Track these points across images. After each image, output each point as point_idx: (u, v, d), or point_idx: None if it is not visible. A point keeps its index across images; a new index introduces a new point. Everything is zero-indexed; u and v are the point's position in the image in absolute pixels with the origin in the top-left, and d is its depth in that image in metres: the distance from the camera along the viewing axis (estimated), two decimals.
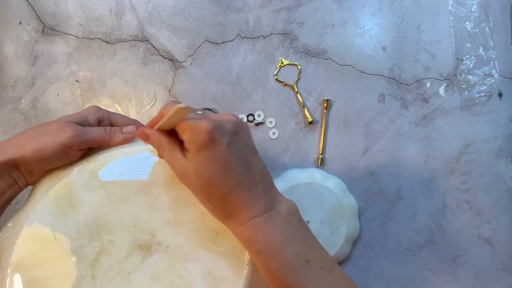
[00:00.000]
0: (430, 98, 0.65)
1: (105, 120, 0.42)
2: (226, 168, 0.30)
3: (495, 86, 0.65)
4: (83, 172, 0.38)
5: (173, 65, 0.65)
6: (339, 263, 0.62)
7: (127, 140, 0.40)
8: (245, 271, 0.34)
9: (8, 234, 0.36)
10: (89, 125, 0.40)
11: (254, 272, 0.35)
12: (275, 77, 0.65)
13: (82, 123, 0.39)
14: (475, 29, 0.66)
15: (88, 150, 0.40)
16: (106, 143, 0.39)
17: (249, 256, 0.34)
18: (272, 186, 0.34)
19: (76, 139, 0.37)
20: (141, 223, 0.36)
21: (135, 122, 0.43)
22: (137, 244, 0.35)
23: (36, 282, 0.34)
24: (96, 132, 0.39)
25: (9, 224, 0.37)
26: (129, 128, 0.41)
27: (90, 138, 0.38)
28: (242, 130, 0.32)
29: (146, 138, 0.35)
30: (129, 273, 0.34)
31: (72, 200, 0.37)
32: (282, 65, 0.65)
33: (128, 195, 0.37)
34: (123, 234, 0.36)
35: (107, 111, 0.42)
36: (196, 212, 0.36)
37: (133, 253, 0.35)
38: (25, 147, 0.36)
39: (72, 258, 0.35)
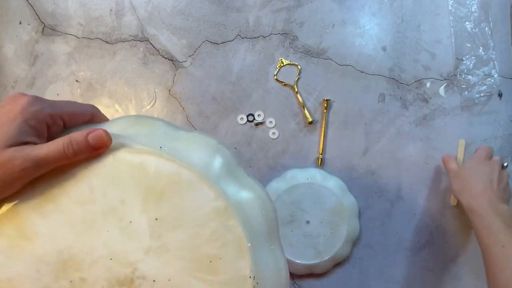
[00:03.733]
0: (430, 98, 0.65)
1: (56, 119, 0.30)
2: (476, 183, 0.56)
3: (495, 86, 0.65)
4: (31, 190, 0.29)
5: (173, 65, 0.65)
6: (339, 263, 0.62)
7: (99, 154, 0.30)
8: None
9: None
10: (36, 135, 0.28)
11: None
12: (275, 77, 0.65)
13: (25, 139, 0.27)
14: (475, 29, 0.66)
15: None
16: (69, 162, 0.29)
17: (252, 284, 0.29)
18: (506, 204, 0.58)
19: (30, 172, 0.27)
20: (117, 254, 0.29)
21: (92, 109, 0.33)
22: (116, 280, 0.29)
23: None
24: (54, 154, 0.28)
25: None
26: (98, 135, 0.29)
27: (47, 164, 0.28)
28: (498, 169, 0.58)
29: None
30: None
31: (23, 229, 0.29)
32: (282, 65, 0.65)
33: (94, 219, 0.29)
34: (96, 269, 0.29)
35: (51, 104, 0.29)
36: (183, 236, 0.29)
37: None
38: None
39: None
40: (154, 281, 0.29)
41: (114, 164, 0.30)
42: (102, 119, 0.33)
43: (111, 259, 0.29)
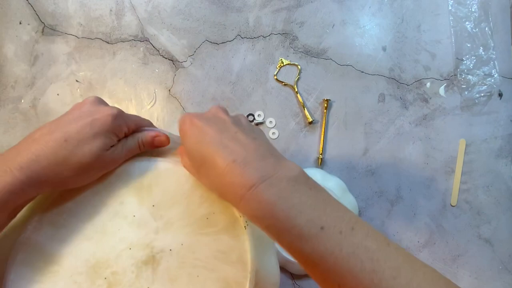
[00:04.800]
0: (430, 98, 0.65)
1: (129, 130, 0.38)
2: (204, 144, 0.31)
3: (495, 86, 0.65)
4: (41, 226, 0.35)
5: (173, 65, 0.65)
6: None
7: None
8: (245, 235, 0.36)
9: None
10: (117, 140, 0.36)
11: (253, 232, 0.36)
12: (275, 77, 0.65)
13: (112, 143, 0.35)
14: (475, 29, 0.66)
15: None
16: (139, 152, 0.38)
17: (244, 220, 0.36)
18: (269, 155, 0.31)
19: (121, 160, 0.36)
20: (134, 243, 0.36)
21: (149, 123, 0.41)
22: (141, 262, 0.35)
23: None
24: (132, 147, 0.37)
25: None
26: (161, 140, 0.38)
27: (133, 153, 0.37)
28: (224, 114, 0.34)
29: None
30: (148, 287, 0.35)
31: (48, 259, 0.34)
32: (282, 65, 0.65)
33: (105, 225, 0.36)
34: (122, 261, 0.35)
35: (128, 118, 0.37)
36: (179, 209, 0.37)
37: (142, 270, 0.35)
38: (61, 181, 0.33)
39: None
40: (170, 250, 0.36)
41: (104, 178, 0.37)
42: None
43: (130, 248, 0.35)
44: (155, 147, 0.38)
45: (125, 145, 0.36)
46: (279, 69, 0.65)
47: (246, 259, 0.35)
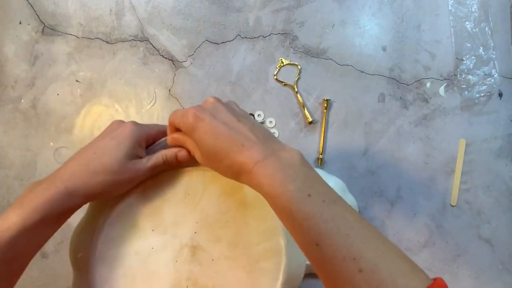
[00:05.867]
0: (430, 98, 0.65)
1: (149, 138, 0.43)
2: (215, 135, 0.36)
3: (495, 86, 0.65)
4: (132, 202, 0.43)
5: (173, 65, 0.65)
6: None
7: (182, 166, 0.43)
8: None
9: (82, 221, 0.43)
10: (141, 149, 0.42)
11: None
12: (275, 77, 0.65)
13: (137, 153, 0.41)
14: (475, 29, 0.66)
15: None
16: (164, 169, 0.43)
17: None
18: (270, 139, 0.37)
19: (144, 176, 0.41)
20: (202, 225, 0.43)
21: (164, 128, 0.45)
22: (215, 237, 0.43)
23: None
24: (157, 164, 0.42)
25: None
26: (183, 155, 0.42)
27: (154, 170, 0.42)
28: (221, 105, 0.39)
29: (176, 141, 0.41)
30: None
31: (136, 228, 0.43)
32: (282, 65, 0.65)
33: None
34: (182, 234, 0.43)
35: (147, 127, 0.43)
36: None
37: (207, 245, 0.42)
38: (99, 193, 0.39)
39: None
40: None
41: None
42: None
43: (196, 222, 0.43)
44: (179, 163, 0.42)
45: (150, 159, 0.41)
46: (279, 69, 0.65)
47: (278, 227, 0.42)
